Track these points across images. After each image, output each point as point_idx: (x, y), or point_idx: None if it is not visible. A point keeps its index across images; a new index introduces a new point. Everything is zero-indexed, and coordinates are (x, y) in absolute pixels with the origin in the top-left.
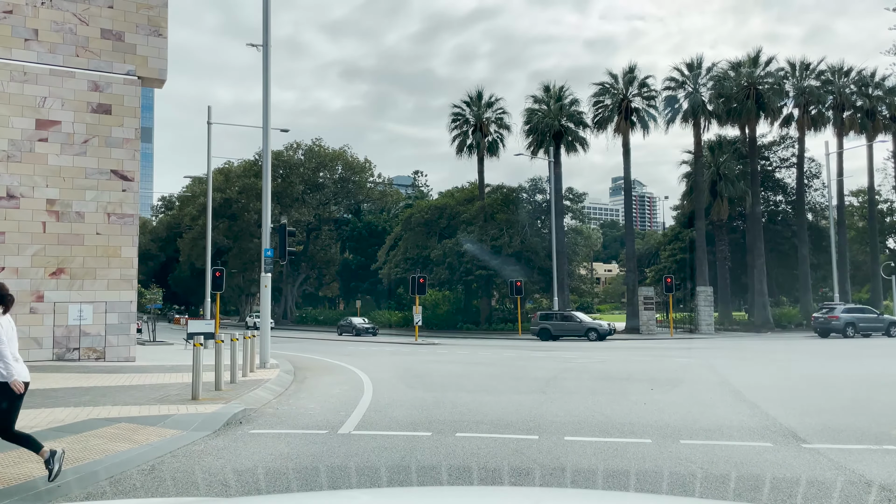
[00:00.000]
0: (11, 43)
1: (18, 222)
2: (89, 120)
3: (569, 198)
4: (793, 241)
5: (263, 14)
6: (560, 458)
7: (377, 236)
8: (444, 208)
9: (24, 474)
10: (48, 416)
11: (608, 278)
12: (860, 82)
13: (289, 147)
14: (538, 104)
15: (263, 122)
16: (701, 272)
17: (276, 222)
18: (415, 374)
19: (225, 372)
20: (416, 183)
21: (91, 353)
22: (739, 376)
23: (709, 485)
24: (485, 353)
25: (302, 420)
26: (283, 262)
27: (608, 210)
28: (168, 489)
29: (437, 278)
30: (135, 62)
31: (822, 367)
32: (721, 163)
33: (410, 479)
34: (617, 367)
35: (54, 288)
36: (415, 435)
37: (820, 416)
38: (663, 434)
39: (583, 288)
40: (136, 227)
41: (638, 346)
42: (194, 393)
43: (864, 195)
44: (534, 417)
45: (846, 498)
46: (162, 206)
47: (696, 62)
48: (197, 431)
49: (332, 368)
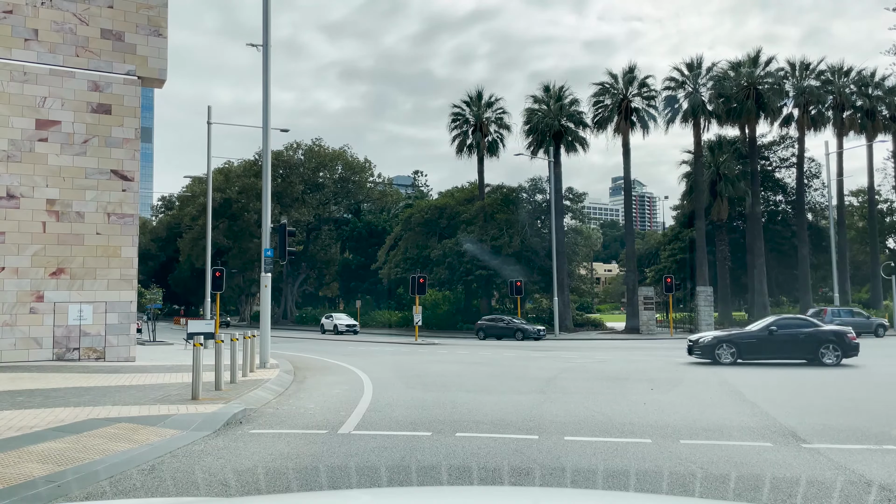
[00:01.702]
0: (11, 43)
1: (18, 222)
2: (89, 120)
3: (569, 198)
4: (793, 241)
5: (263, 13)
6: (560, 458)
7: (377, 236)
8: (444, 208)
9: (24, 474)
10: (48, 416)
11: (608, 278)
12: (860, 82)
13: (289, 147)
14: (538, 104)
15: (263, 122)
16: (701, 272)
17: (276, 222)
18: (415, 374)
19: (225, 372)
20: (416, 183)
21: (91, 353)
22: (739, 376)
23: (709, 485)
24: (484, 353)
25: (302, 420)
26: (283, 262)
27: (608, 210)
28: (168, 489)
29: (437, 278)
30: (135, 62)
31: (821, 367)
32: (721, 163)
33: (410, 479)
34: (617, 367)
35: (54, 288)
36: (415, 435)
37: (820, 415)
38: (663, 434)
39: (583, 288)
40: (136, 227)
41: (638, 346)
42: (194, 393)
43: (863, 195)
44: (534, 417)
45: (846, 498)
46: (162, 206)
47: (695, 62)
48: (197, 431)
49: (332, 368)
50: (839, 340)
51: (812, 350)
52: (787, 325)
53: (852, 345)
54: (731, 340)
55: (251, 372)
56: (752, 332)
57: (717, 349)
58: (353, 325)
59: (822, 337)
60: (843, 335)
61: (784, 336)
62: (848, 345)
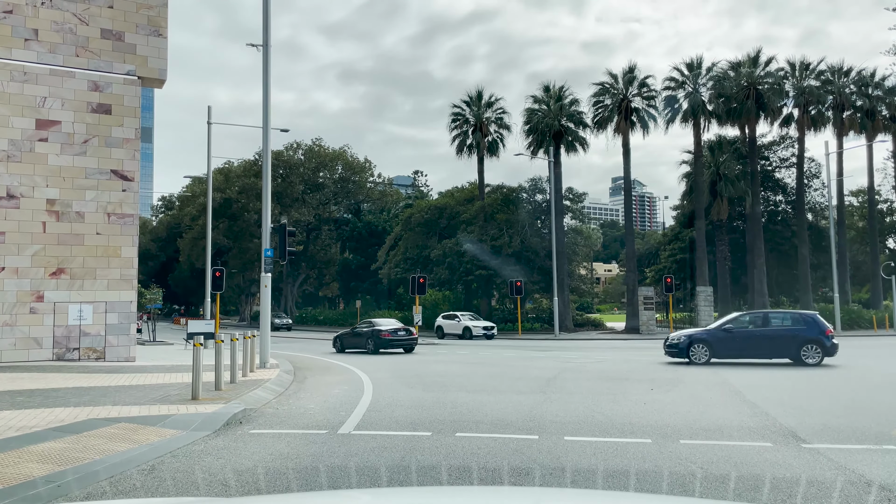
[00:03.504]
0: (11, 43)
1: (18, 222)
2: (89, 120)
3: (569, 198)
4: (793, 241)
5: (263, 12)
6: (560, 458)
7: (377, 236)
8: (444, 208)
9: (23, 474)
10: (48, 416)
11: (608, 278)
12: (860, 82)
13: (289, 147)
14: (538, 104)
15: (263, 122)
16: (701, 272)
17: (276, 222)
18: (414, 374)
19: (225, 372)
20: (415, 183)
21: (91, 353)
22: (739, 376)
23: (709, 485)
24: (484, 352)
25: (302, 420)
26: (283, 262)
27: (608, 210)
28: (168, 489)
29: (437, 278)
30: (135, 62)
31: (821, 367)
32: (721, 163)
33: (410, 479)
34: (617, 367)
35: (54, 288)
36: (415, 435)
37: (820, 416)
38: (663, 434)
39: (583, 288)
40: (136, 227)
41: (638, 346)
42: (194, 393)
43: (863, 195)
44: (534, 417)
45: (846, 498)
46: (162, 206)
47: (695, 62)
48: (197, 431)
49: (332, 368)
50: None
51: (793, 348)
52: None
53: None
54: (703, 340)
55: (251, 372)
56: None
57: (335, 342)
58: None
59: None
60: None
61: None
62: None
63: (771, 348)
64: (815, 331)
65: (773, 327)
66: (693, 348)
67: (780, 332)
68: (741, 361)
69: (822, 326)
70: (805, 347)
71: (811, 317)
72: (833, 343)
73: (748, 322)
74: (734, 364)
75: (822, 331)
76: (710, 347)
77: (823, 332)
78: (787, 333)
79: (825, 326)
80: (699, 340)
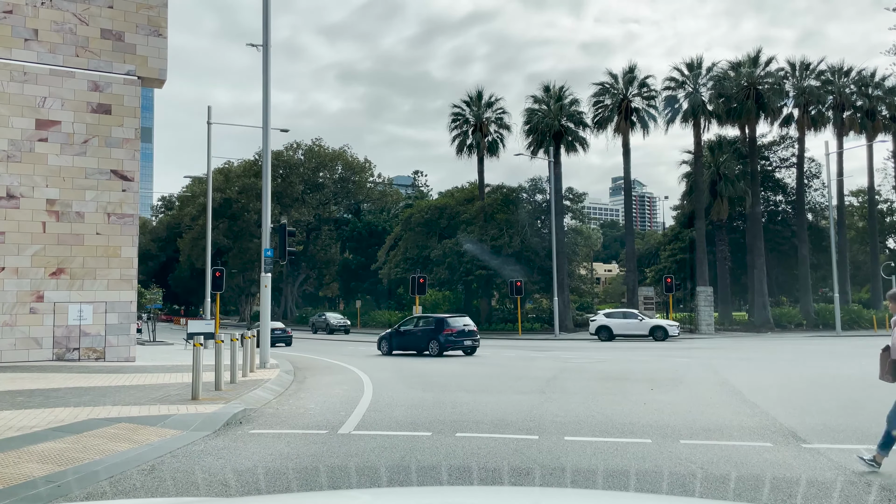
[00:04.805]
0: (11, 43)
1: (18, 222)
2: (89, 120)
3: (569, 198)
4: (793, 241)
5: (263, 13)
6: (560, 458)
7: (377, 236)
8: (444, 208)
9: (23, 474)
10: (48, 416)
11: (608, 278)
12: (860, 82)
13: (289, 147)
14: (538, 104)
15: (263, 122)
16: (701, 272)
17: (276, 222)
18: (414, 374)
19: (225, 372)
20: (415, 183)
21: (91, 353)
22: (739, 376)
23: (709, 485)
24: (484, 353)
25: (302, 420)
26: (283, 262)
27: (608, 210)
28: (168, 489)
29: (437, 278)
30: (135, 62)
31: (821, 367)
32: (721, 163)
33: (410, 479)
34: (617, 367)
35: (54, 288)
36: (415, 435)
37: (820, 415)
38: (663, 434)
39: (583, 288)
40: (136, 227)
41: (638, 346)
42: (194, 393)
43: (863, 195)
44: (534, 417)
45: (846, 498)
46: (162, 206)
47: (695, 62)
48: (197, 431)
49: (332, 368)
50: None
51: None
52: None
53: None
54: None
55: (251, 372)
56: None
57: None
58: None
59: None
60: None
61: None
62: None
63: (416, 343)
64: (439, 330)
65: (420, 327)
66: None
67: (423, 330)
68: (725, 358)
69: (443, 328)
70: (431, 342)
71: (440, 319)
72: (451, 340)
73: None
74: (734, 364)
75: (442, 331)
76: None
77: (442, 332)
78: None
79: (445, 328)
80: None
